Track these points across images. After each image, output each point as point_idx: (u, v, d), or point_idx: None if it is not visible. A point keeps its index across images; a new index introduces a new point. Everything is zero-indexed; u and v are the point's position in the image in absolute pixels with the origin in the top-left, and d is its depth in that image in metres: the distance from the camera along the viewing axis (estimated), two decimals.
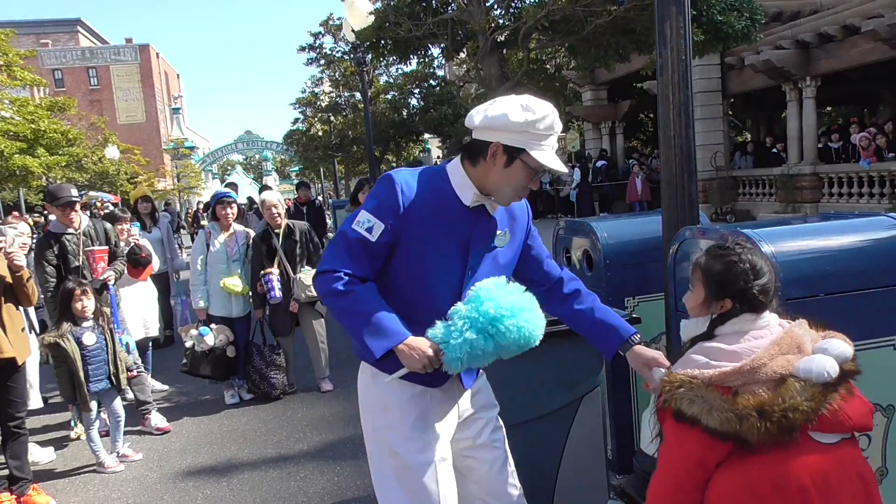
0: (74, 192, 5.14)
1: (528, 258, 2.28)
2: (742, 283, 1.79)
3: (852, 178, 13.83)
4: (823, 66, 14.24)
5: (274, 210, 5.80)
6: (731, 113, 19.90)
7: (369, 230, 2.00)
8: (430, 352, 1.96)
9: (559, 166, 2.02)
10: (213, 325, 5.53)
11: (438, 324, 1.98)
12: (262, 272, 5.64)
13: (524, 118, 1.96)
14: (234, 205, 5.85)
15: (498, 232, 2.15)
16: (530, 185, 2.07)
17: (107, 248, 5.20)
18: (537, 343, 1.99)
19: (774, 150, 16.85)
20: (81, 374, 4.29)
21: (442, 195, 2.06)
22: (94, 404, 4.39)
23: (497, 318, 1.90)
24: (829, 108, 24.57)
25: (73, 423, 5.24)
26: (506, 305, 1.92)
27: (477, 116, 2.03)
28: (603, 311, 2.26)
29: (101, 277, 5.04)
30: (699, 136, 15.31)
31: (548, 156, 2.01)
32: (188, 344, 5.53)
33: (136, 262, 5.74)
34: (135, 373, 4.89)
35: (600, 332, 2.24)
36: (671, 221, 3.02)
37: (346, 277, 2.00)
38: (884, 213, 3.06)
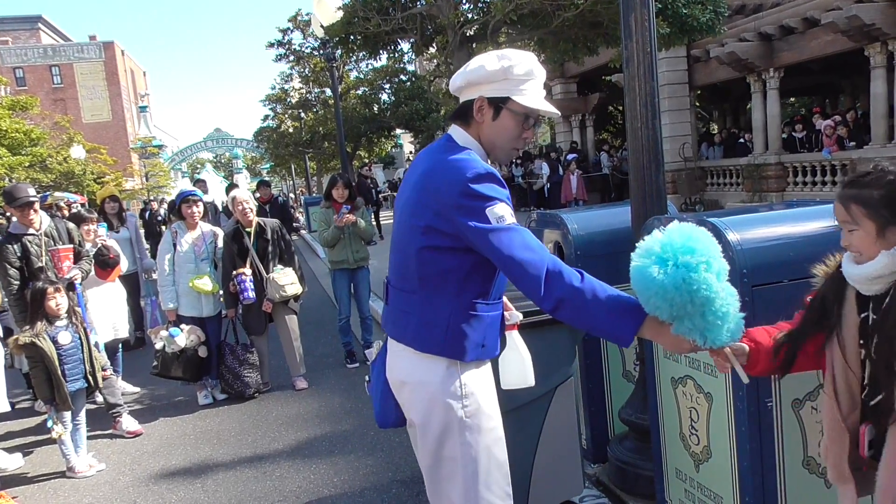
0: (32, 191, 5.04)
1: None
2: None
3: (815, 167, 14.11)
4: (786, 58, 14.50)
5: (245, 205, 5.73)
6: (698, 104, 20.17)
7: (511, 216, 1.96)
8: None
9: (548, 107, 2.04)
10: (183, 326, 5.46)
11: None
12: (235, 272, 5.58)
13: (500, 65, 1.98)
14: (200, 203, 5.76)
15: None
16: (524, 135, 2.07)
17: (71, 246, 5.12)
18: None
19: (741, 140, 17.13)
20: (59, 372, 4.22)
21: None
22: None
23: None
24: (792, 99, 25.02)
25: (50, 425, 5.11)
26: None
27: (458, 78, 2.07)
28: None
29: (68, 276, 4.95)
30: (667, 127, 15.57)
31: (533, 98, 2.02)
32: (158, 346, 5.46)
33: (104, 263, 5.65)
34: (108, 372, 4.81)
35: None
36: (640, 212, 3.06)
37: (569, 269, 1.92)
38: None
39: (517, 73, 1.99)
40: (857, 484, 1.84)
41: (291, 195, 15.21)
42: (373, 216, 14.49)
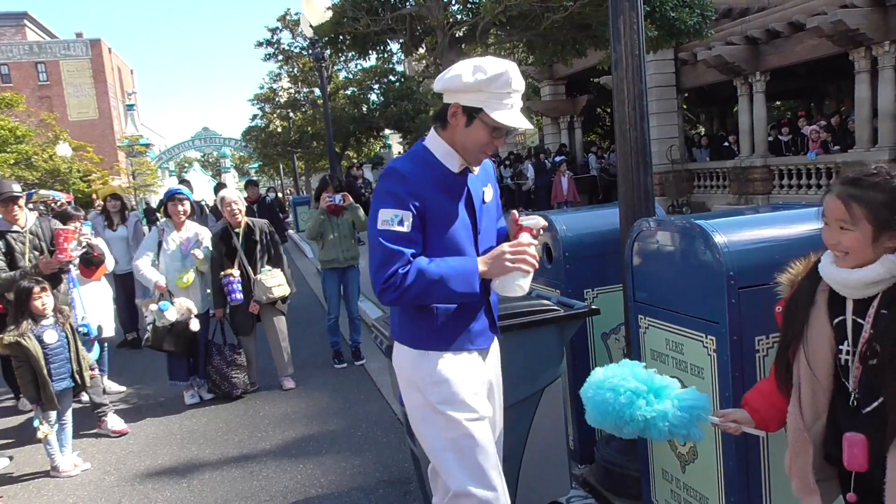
0: (17, 187, 4.99)
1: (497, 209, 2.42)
2: None
3: (801, 171, 14.22)
4: (772, 62, 14.62)
5: (234, 206, 5.70)
6: (685, 107, 20.29)
7: (400, 223, 2.07)
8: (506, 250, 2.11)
9: (518, 123, 2.07)
10: (174, 300, 5.41)
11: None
12: (223, 274, 5.55)
13: (475, 78, 2.03)
14: (187, 201, 5.74)
15: (483, 188, 2.28)
16: (494, 143, 2.13)
17: (75, 227, 5.12)
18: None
19: (727, 143, 17.24)
20: (45, 372, 4.18)
21: (435, 168, 2.16)
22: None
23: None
24: (778, 103, 25.20)
25: (36, 424, 5.07)
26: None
27: (437, 82, 2.14)
28: None
29: (72, 256, 4.88)
30: (655, 129, 15.64)
31: (506, 114, 2.06)
32: (149, 319, 5.41)
33: (89, 262, 5.60)
34: (95, 372, 4.75)
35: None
36: (628, 214, 3.07)
37: (398, 272, 2.05)
38: None
39: (493, 88, 2.03)
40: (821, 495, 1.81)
41: (272, 195, 15.05)
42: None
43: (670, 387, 2.00)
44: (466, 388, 2.20)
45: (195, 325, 5.43)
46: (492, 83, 2.03)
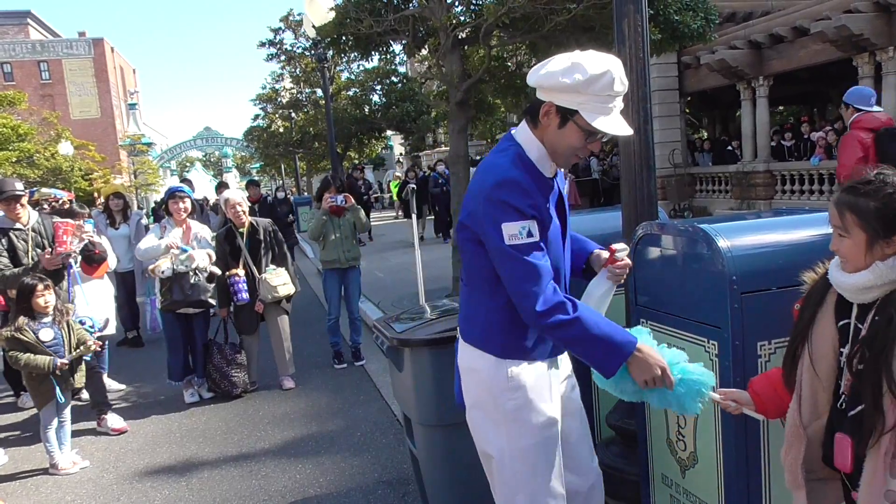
0: (20, 185, 5.01)
1: None
2: None
3: (803, 176, 14.22)
4: (775, 66, 14.62)
5: (238, 208, 5.73)
6: (687, 111, 20.28)
7: (530, 234, 1.94)
8: (662, 363, 1.97)
9: (619, 130, 1.92)
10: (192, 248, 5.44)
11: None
12: (228, 274, 5.57)
13: (574, 79, 1.85)
14: (188, 199, 5.75)
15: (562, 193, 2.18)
16: (588, 147, 2.00)
17: (76, 222, 5.14)
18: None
19: (730, 147, 17.23)
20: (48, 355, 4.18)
21: (534, 174, 2.01)
22: (53, 403, 4.27)
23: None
24: (781, 108, 25.21)
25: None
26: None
27: (531, 76, 1.97)
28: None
29: (71, 249, 4.89)
30: (657, 133, 15.64)
31: (606, 120, 1.90)
32: (165, 270, 5.35)
33: (90, 259, 5.60)
34: (90, 345, 4.53)
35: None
36: (630, 217, 3.07)
37: (559, 299, 1.95)
38: None
39: (591, 90, 1.86)
40: (808, 493, 1.83)
41: (274, 195, 14.91)
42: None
43: (677, 357, 2.00)
44: (542, 395, 2.14)
45: (216, 270, 5.52)
46: (591, 85, 1.84)
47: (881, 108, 4.97)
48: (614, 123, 1.91)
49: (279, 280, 5.66)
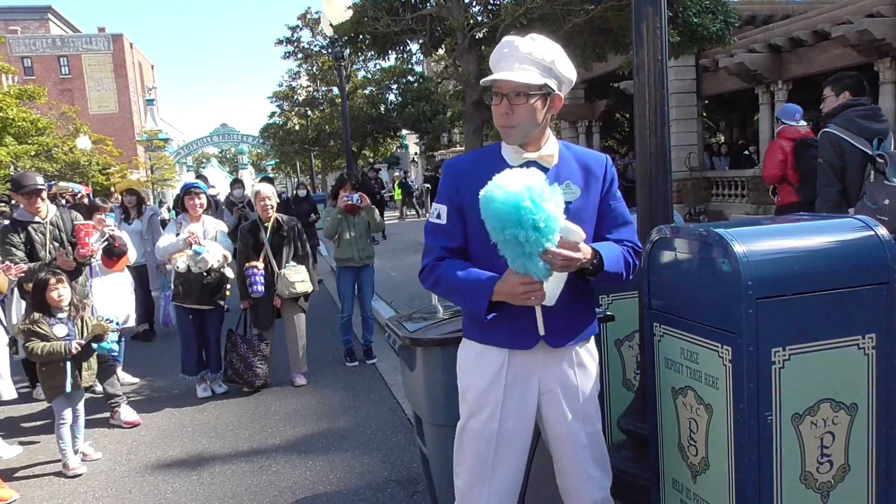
0: (40, 179, 5.06)
1: (604, 216, 2.31)
2: None
3: None
4: (795, 70, 14.48)
5: (267, 202, 5.78)
6: (705, 114, 20.15)
7: (438, 216, 2.20)
8: (518, 284, 1.99)
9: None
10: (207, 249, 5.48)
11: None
12: (247, 265, 5.62)
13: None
14: (203, 195, 5.80)
15: (560, 186, 2.04)
16: (495, 109, 2.13)
17: (93, 223, 5.21)
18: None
19: (747, 151, 17.10)
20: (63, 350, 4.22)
21: (488, 158, 2.18)
22: (65, 400, 4.30)
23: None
24: None
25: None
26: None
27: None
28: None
29: (93, 250, 4.96)
30: (674, 136, 15.55)
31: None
32: (180, 265, 5.43)
33: (111, 253, 5.66)
34: (111, 327, 4.52)
35: None
36: (646, 220, 3.05)
37: (426, 262, 2.20)
38: (850, 215, 3.12)
39: (492, 59, 2.15)
40: None
41: (290, 192, 14.79)
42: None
43: (557, 220, 1.92)
44: (478, 384, 2.20)
45: (230, 272, 5.55)
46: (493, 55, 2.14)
47: (805, 123, 5.77)
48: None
49: (298, 276, 5.69)
